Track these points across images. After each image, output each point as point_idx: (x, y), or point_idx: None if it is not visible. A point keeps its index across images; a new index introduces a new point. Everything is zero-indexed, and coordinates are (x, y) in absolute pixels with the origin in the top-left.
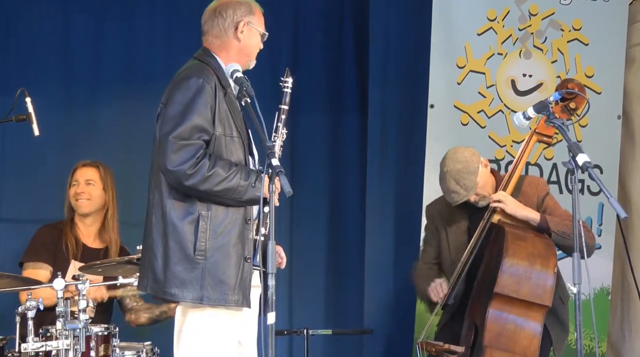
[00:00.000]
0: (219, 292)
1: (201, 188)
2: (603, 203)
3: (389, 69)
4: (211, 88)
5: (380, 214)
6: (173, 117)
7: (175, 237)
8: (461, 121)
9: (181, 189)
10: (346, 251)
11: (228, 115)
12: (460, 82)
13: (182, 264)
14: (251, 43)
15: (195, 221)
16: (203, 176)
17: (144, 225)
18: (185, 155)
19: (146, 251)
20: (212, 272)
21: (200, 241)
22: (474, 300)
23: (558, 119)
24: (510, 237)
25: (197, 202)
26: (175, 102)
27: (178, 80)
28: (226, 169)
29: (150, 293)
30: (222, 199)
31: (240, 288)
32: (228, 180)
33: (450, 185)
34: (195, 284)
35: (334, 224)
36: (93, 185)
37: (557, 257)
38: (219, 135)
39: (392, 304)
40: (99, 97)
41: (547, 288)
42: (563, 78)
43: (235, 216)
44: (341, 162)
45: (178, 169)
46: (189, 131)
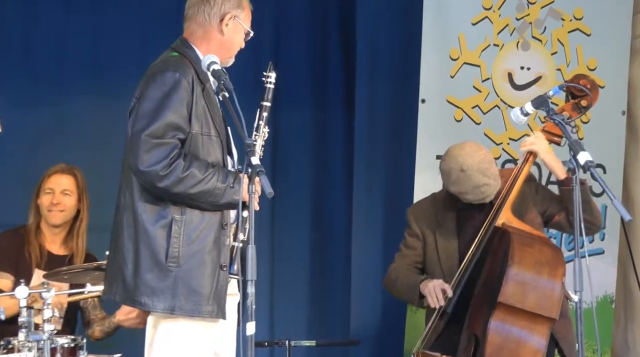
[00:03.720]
0: (192, 302)
1: (175, 190)
2: (606, 205)
3: (377, 61)
4: (188, 83)
5: (368, 216)
6: (146, 114)
7: (146, 243)
8: (454, 117)
9: (153, 191)
10: (331, 256)
11: (206, 113)
12: (453, 76)
13: (153, 272)
14: (234, 39)
15: (168, 225)
16: (177, 178)
17: (113, 229)
18: (159, 155)
19: (115, 255)
20: (185, 281)
21: (172, 247)
22: (475, 310)
23: (558, 115)
24: (516, 242)
25: (170, 205)
26: (149, 97)
27: (152, 73)
28: (202, 170)
29: (119, 301)
30: (197, 203)
31: (215, 298)
32: (204, 182)
33: (478, 179)
34: (167, 293)
35: (318, 227)
36: (69, 195)
37: (565, 266)
38: (195, 134)
39: (380, 312)
40: (65, 93)
41: (555, 299)
42: (564, 71)
43: (212, 220)
44: (326, 161)
45: (150, 170)
46: (163, 129)
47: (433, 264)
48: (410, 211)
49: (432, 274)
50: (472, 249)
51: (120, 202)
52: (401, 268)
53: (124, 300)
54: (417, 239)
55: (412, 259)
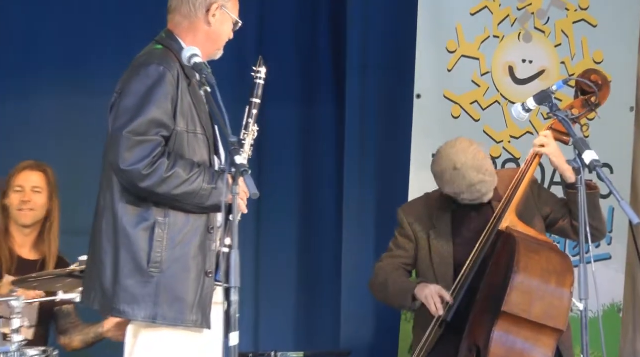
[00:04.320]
0: (175, 310)
1: (158, 191)
2: (614, 207)
3: (369, 53)
4: (173, 77)
5: (360, 219)
6: (128, 110)
7: (127, 247)
8: (452, 114)
9: (135, 191)
10: (320, 261)
11: (192, 109)
12: (450, 69)
13: (133, 278)
14: (222, 30)
15: (151, 228)
16: (160, 177)
17: (92, 230)
18: (141, 153)
19: (94, 260)
20: (168, 288)
21: (155, 252)
22: (476, 318)
23: (562, 111)
24: (523, 248)
25: (153, 207)
26: (132, 92)
27: (136, 67)
28: (187, 170)
29: (97, 309)
30: (182, 204)
31: (200, 307)
32: (189, 182)
33: (473, 177)
34: (149, 300)
35: (307, 230)
36: (40, 193)
37: (574, 275)
38: (180, 132)
39: (373, 320)
40: (34, 85)
41: (563, 309)
42: (568, 64)
43: (197, 223)
44: (315, 161)
45: (132, 169)
46: (146, 126)
47: (425, 268)
48: (402, 210)
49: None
50: (474, 254)
51: (100, 203)
52: (390, 269)
53: (102, 308)
54: (408, 240)
55: (402, 260)
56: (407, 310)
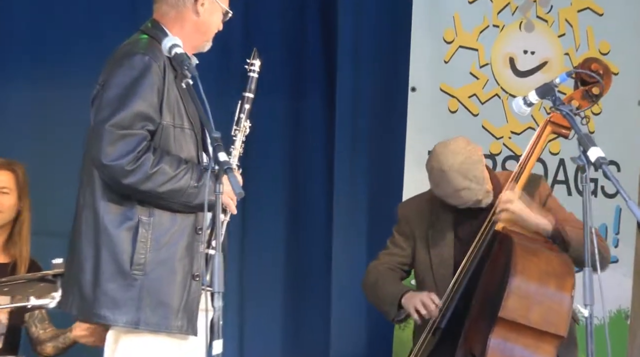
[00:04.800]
0: (159, 315)
1: (142, 188)
2: (620, 207)
3: (361, 44)
4: (159, 68)
5: (351, 218)
6: (111, 102)
7: (108, 247)
8: (449, 108)
9: (118, 188)
10: (309, 263)
11: (179, 103)
12: (447, 61)
13: (115, 281)
14: (211, 20)
15: (134, 228)
16: (145, 174)
17: (71, 231)
18: (125, 147)
19: (72, 262)
20: (152, 291)
21: (138, 253)
22: (472, 325)
23: (566, 105)
24: (520, 250)
25: (137, 205)
26: (115, 83)
27: (119, 57)
28: (174, 166)
29: (76, 314)
30: (167, 203)
31: (186, 312)
32: (176, 179)
33: (457, 182)
34: (131, 304)
35: (295, 230)
36: (8, 194)
37: (575, 277)
38: (166, 126)
39: (365, 327)
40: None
41: (563, 314)
42: (572, 55)
43: (184, 224)
44: (303, 156)
45: (115, 164)
46: (130, 119)
47: (424, 270)
48: (401, 207)
49: (423, 282)
50: (469, 256)
51: (80, 201)
52: (383, 268)
53: (81, 313)
54: (405, 238)
55: (398, 260)
56: (392, 321)
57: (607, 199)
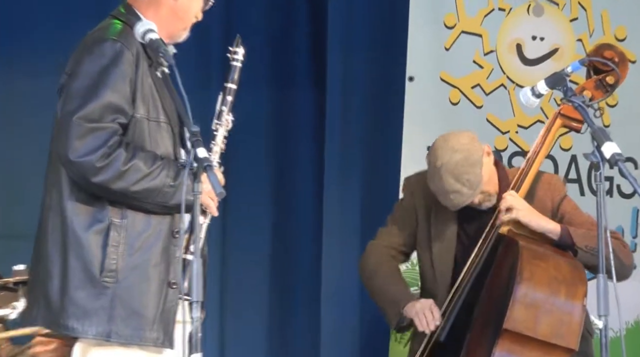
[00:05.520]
0: (132, 326)
1: (114, 187)
2: (638, 208)
3: (354, 30)
4: (132, 55)
5: (343, 218)
6: (79, 92)
7: (77, 252)
8: (450, 99)
9: (87, 187)
10: (297, 270)
11: (154, 94)
12: (448, 48)
13: (84, 289)
14: (189, 5)
15: (105, 231)
16: (117, 171)
17: (36, 234)
18: (94, 142)
19: (37, 269)
20: (125, 300)
21: (110, 258)
22: (475, 337)
23: (579, 96)
24: (526, 255)
25: (108, 206)
26: (84, 72)
27: (89, 43)
28: (149, 163)
29: (42, 326)
30: (142, 203)
31: (161, 322)
32: (151, 177)
33: (448, 184)
34: (102, 314)
35: (281, 234)
36: None
37: (587, 285)
38: (140, 119)
39: (357, 340)
40: None
41: (574, 326)
42: (585, 42)
43: (159, 226)
44: (291, 153)
45: (84, 161)
46: (100, 111)
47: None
48: (407, 179)
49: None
50: (471, 262)
51: (46, 202)
52: (383, 253)
53: (47, 324)
54: (408, 215)
55: (398, 240)
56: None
57: (624, 200)
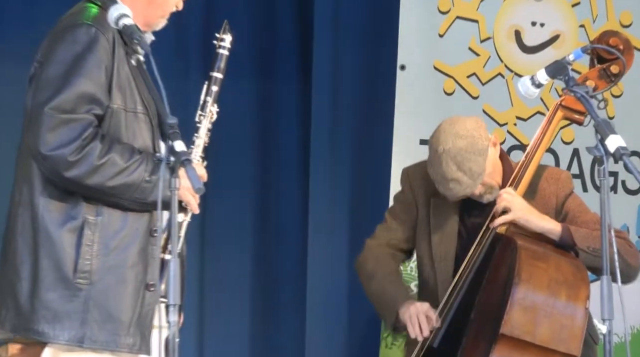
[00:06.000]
0: (107, 331)
1: (88, 182)
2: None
3: (342, 16)
4: (108, 42)
5: (330, 216)
6: (52, 81)
7: (48, 251)
8: (444, 89)
9: (60, 182)
10: (281, 273)
11: (131, 83)
12: (442, 34)
13: (56, 290)
14: None
15: (79, 229)
16: (92, 166)
17: (4, 232)
18: (68, 134)
19: (6, 269)
20: (99, 303)
21: (84, 258)
22: (470, 343)
23: (581, 86)
24: (525, 255)
25: (82, 202)
26: (56, 60)
27: (61, 29)
28: (126, 156)
29: (10, 331)
30: (118, 200)
31: (138, 327)
32: (127, 172)
33: (449, 171)
34: (75, 318)
35: (265, 230)
36: None
37: (590, 286)
38: (116, 110)
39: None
40: None
41: (575, 330)
42: (588, 28)
43: (137, 225)
44: (275, 147)
45: (56, 154)
46: (74, 101)
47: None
48: (406, 170)
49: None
50: (467, 263)
51: (15, 197)
52: (382, 253)
53: (15, 329)
54: (408, 208)
55: (397, 236)
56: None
57: (629, 196)
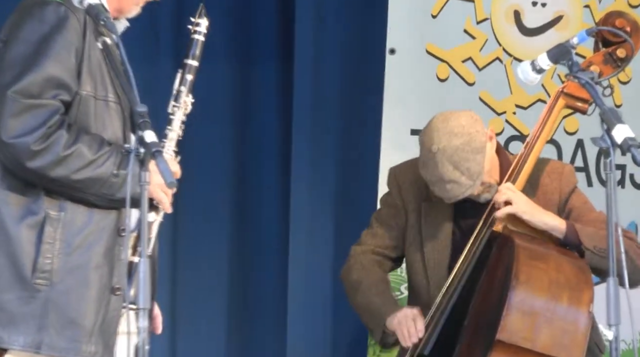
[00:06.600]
0: (67, 337)
1: (52, 174)
2: None
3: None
4: (79, 22)
5: (313, 214)
6: (16, 63)
7: (4, 248)
8: (437, 75)
9: (21, 173)
10: (259, 272)
11: (102, 68)
12: (435, 15)
13: (12, 291)
14: None
15: (39, 225)
16: (56, 156)
17: None
18: (32, 121)
19: None
20: (60, 307)
21: (44, 257)
22: (465, 350)
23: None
24: (523, 255)
25: (43, 196)
26: (22, 39)
27: (27, 6)
28: (94, 148)
29: None
30: (84, 194)
31: (101, 334)
32: (95, 165)
33: (444, 171)
34: (31, 322)
35: (242, 230)
36: None
37: (593, 289)
38: (85, 96)
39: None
40: None
41: (578, 336)
42: (594, 8)
43: (103, 222)
44: (253, 137)
45: (18, 142)
46: (40, 85)
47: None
48: (393, 171)
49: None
50: (460, 264)
51: None
52: (368, 261)
53: None
54: (396, 212)
55: (385, 242)
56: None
57: (637, 191)
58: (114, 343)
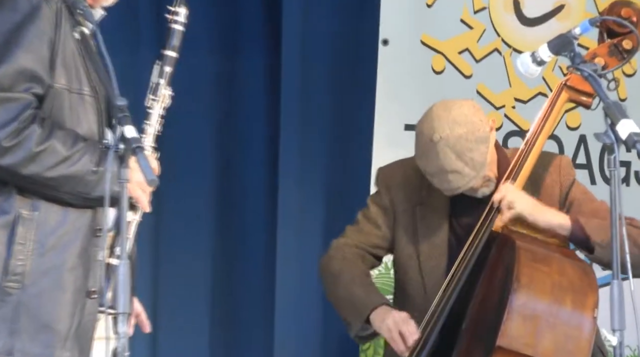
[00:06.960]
0: (40, 342)
1: (24, 172)
2: None
3: None
4: (52, 12)
5: (302, 212)
6: None
7: None
8: (432, 67)
9: None
10: (245, 272)
11: (76, 60)
12: (431, 4)
13: None
14: None
15: (10, 225)
16: (29, 152)
17: None
18: (3, 115)
19: None
20: (32, 311)
21: (16, 259)
22: (463, 355)
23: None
24: (524, 257)
25: (15, 194)
26: None
27: None
28: (68, 144)
29: None
30: (57, 192)
31: (77, 339)
32: (70, 162)
33: (447, 161)
34: (2, 327)
35: (227, 229)
36: None
37: (598, 293)
38: (59, 90)
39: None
40: None
41: (582, 342)
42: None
43: (78, 222)
44: (238, 131)
45: None
46: (12, 77)
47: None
48: (382, 171)
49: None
50: (457, 266)
51: None
52: (351, 253)
53: None
54: (384, 212)
55: (370, 240)
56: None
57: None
58: (90, 349)
